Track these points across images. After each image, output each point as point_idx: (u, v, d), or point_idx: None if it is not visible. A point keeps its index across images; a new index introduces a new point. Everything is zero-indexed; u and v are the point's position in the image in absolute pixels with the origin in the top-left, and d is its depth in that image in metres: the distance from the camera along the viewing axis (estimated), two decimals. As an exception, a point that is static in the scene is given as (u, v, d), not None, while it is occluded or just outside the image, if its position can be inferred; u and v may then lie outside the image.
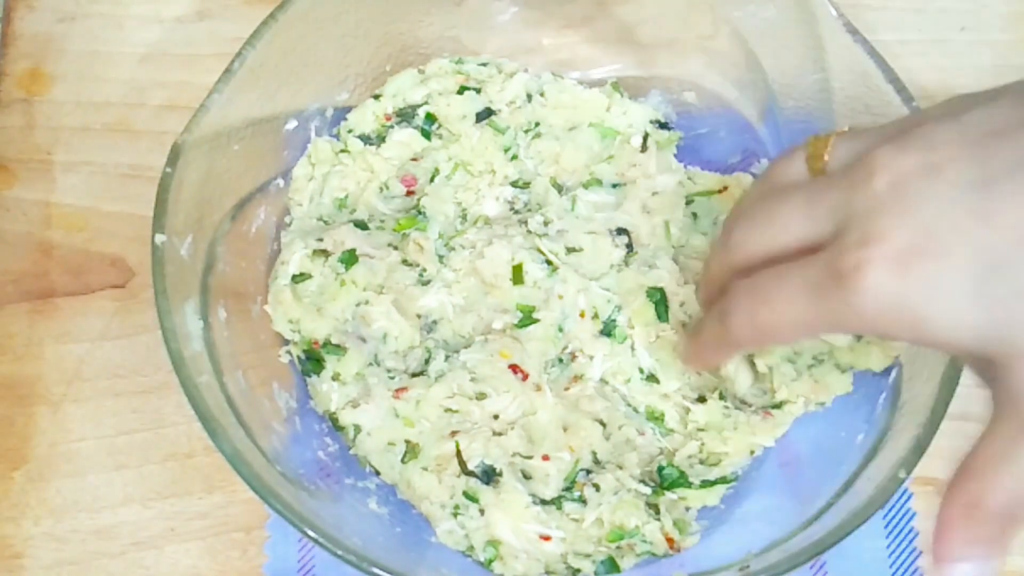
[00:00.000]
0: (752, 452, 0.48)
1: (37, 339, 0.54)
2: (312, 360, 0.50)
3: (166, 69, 0.60)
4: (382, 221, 0.53)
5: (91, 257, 0.56)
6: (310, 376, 0.50)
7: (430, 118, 0.55)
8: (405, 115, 0.55)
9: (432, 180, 0.54)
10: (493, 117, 0.55)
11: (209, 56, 0.59)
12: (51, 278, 0.55)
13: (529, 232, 0.52)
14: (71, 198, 0.57)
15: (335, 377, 0.49)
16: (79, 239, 0.56)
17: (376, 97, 0.55)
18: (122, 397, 0.53)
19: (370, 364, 0.49)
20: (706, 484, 0.47)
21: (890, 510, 0.50)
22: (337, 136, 0.55)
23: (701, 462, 0.48)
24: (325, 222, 0.53)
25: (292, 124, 0.52)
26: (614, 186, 0.53)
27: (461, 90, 0.55)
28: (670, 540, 0.45)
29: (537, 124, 0.55)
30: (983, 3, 0.61)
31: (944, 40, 0.61)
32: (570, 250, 0.51)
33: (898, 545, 0.49)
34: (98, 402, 0.53)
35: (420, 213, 0.53)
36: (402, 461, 0.48)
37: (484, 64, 0.56)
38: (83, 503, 0.51)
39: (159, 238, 0.43)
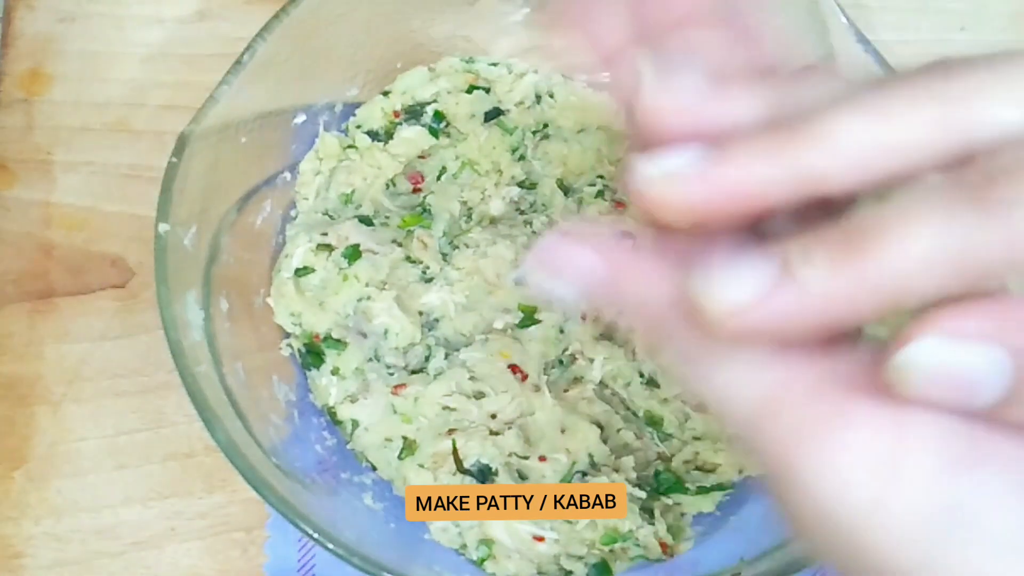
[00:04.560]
0: (740, 471, 0.48)
1: (37, 339, 0.53)
2: (312, 354, 0.50)
3: (166, 69, 0.59)
4: (387, 217, 0.53)
5: (91, 257, 0.55)
6: (310, 370, 0.50)
7: (439, 116, 0.55)
8: (414, 112, 0.55)
9: (439, 178, 0.54)
10: (501, 117, 0.55)
11: (210, 56, 0.58)
12: (51, 278, 0.55)
13: (534, 233, 0.52)
14: (71, 198, 0.56)
15: (334, 372, 0.49)
16: (79, 239, 0.56)
17: (385, 94, 0.55)
18: (122, 397, 0.52)
19: (370, 360, 0.49)
20: (702, 490, 0.47)
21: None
22: (345, 131, 0.55)
23: (697, 468, 0.48)
24: (330, 217, 0.53)
25: (301, 118, 0.52)
26: (621, 189, 0.54)
27: (470, 89, 0.55)
28: (664, 545, 0.45)
29: (546, 125, 0.55)
30: (983, 3, 0.61)
31: (944, 40, 0.60)
32: (574, 252, 0.51)
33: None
34: (98, 402, 0.52)
35: (425, 211, 0.53)
36: (399, 457, 0.48)
37: (494, 64, 0.56)
38: (83, 503, 0.50)
39: (162, 227, 0.43)
